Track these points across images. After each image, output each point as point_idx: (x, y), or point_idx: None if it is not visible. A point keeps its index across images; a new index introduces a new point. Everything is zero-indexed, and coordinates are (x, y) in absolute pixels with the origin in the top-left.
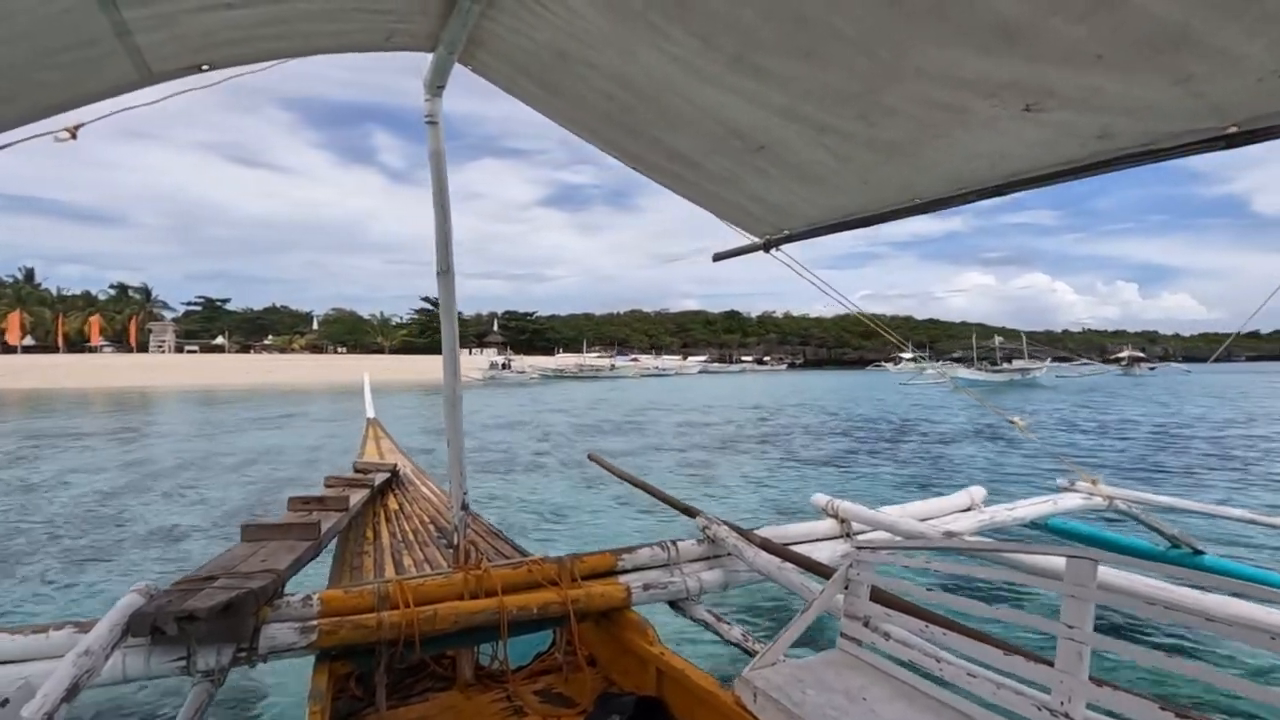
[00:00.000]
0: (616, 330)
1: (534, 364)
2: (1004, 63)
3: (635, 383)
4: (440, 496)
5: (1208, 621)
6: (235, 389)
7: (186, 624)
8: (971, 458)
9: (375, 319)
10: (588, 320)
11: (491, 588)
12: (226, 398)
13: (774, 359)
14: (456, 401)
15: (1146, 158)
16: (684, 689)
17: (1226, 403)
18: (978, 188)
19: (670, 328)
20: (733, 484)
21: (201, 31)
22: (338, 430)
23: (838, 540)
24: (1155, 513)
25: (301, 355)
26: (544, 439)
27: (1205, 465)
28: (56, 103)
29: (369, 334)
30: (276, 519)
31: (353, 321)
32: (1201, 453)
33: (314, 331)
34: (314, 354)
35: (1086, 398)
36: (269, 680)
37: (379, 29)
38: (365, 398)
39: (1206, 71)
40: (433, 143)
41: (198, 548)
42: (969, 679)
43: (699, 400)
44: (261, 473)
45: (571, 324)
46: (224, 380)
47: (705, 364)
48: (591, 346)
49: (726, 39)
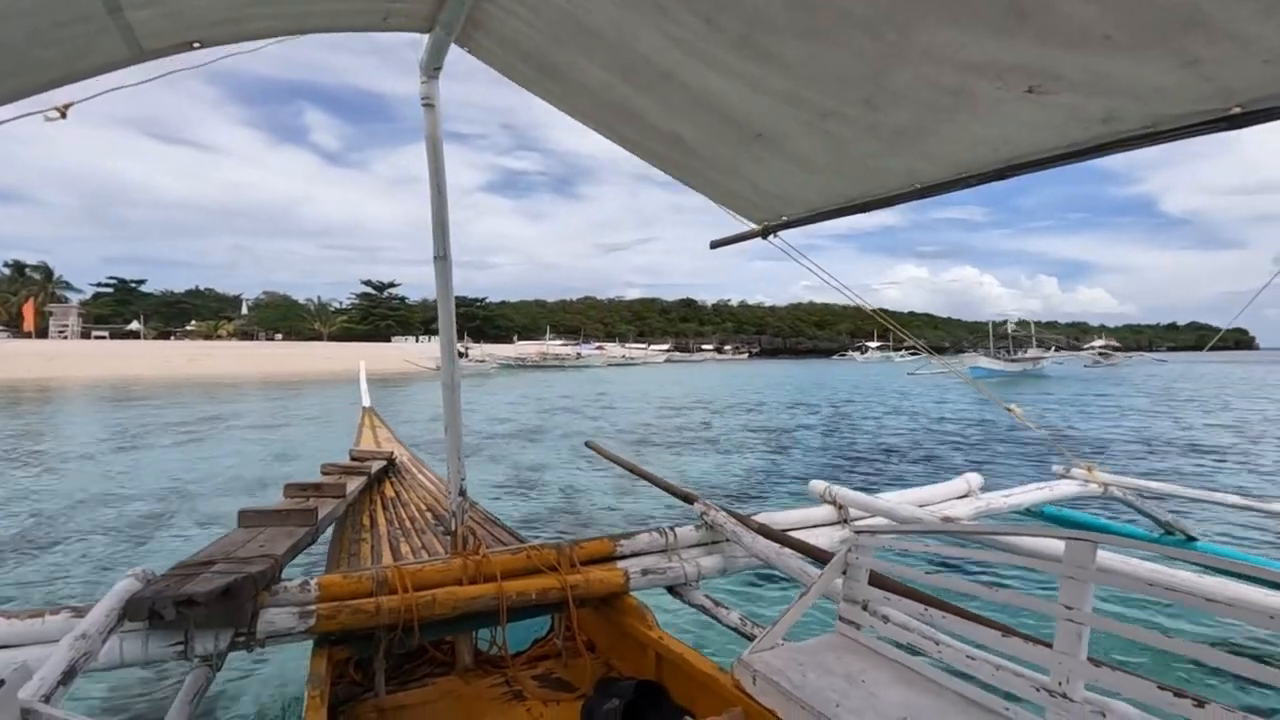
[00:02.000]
0: (570, 318)
1: (492, 352)
2: (1013, 44)
3: (608, 372)
4: (438, 484)
5: (1207, 603)
6: (152, 382)
7: (185, 608)
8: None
9: (312, 304)
10: (540, 307)
11: (490, 573)
12: (141, 393)
13: (734, 349)
14: (455, 387)
15: (1148, 140)
16: (683, 673)
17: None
18: (980, 171)
19: (626, 315)
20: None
21: (193, 8)
22: (288, 441)
23: (835, 526)
24: (1150, 500)
25: (230, 343)
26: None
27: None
28: (48, 80)
29: (305, 320)
30: (274, 505)
31: (287, 306)
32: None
33: (243, 317)
34: (245, 341)
35: (1124, 390)
36: (268, 665)
37: (376, 9)
38: (361, 387)
39: (1215, 53)
40: (429, 126)
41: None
42: (968, 661)
43: (710, 393)
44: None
45: (523, 311)
46: (137, 372)
47: (670, 354)
48: (544, 335)
49: (732, 20)
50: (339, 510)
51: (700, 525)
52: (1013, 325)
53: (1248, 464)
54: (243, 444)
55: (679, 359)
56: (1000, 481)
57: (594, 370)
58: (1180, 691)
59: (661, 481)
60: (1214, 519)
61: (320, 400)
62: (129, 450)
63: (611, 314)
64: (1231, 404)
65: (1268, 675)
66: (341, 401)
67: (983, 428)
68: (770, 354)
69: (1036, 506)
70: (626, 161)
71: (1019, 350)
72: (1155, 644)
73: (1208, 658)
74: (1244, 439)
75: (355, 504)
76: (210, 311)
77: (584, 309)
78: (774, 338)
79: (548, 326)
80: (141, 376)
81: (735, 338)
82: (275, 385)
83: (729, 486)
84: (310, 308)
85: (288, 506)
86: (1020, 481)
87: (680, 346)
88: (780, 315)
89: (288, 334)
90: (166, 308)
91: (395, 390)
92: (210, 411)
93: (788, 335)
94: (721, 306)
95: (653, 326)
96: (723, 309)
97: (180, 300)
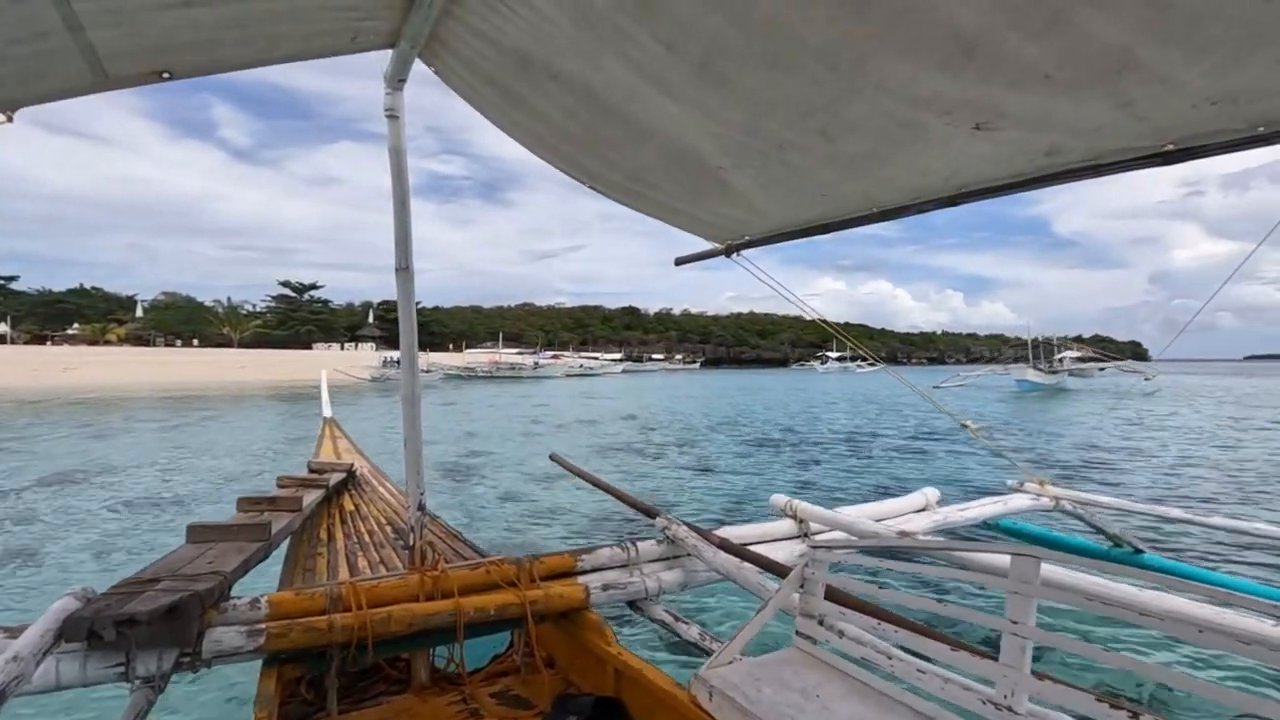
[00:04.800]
0: (508, 325)
1: (437, 361)
2: (960, 81)
3: (573, 384)
4: (399, 497)
5: (1141, 616)
6: (17, 395)
7: (126, 628)
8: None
9: (220, 306)
10: (476, 313)
11: (448, 589)
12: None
13: (685, 358)
14: (415, 400)
15: (1090, 173)
16: (642, 689)
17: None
18: (933, 198)
19: (567, 323)
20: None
21: (159, 32)
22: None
23: (795, 540)
24: (1099, 512)
25: (121, 349)
26: None
27: None
28: (4, 100)
29: (212, 324)
30: (225, 520)
31: (190, 308)
32: None
33: (137, 320)
34: (139, 347)
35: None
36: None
37: (344, 30)
38: (323, 397)
39: (1147, 95)
40: (393, 138)
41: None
42: (918, 675)
43: (715, 409)
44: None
45: (458, 317)
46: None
47: (626, 364)
48: (482, 342)
49: (692, 45)
50: (294, 524)
51: (662, 540)
52: (1055, 338)
53: None
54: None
55: (634, 369)
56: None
57: (556, 382)
58: (1117, 703)
59: (624, 495)
60: (1177, 532)
61: (230, 426)
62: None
63: (552, 321)
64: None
65: (1196, 686)
66: (264, 429)
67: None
68: (714, 363)
69: (993, 520)
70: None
71: (1058, 363)
72: (1094, 657)
73: (1141, 670)
74: None
75: (312, 517)
76: (98, 313)
77: (523, 315)
78: (718, 346)
79: (500, 333)
80: (11, 386)
81: (679, 346)
82: (173, 401)
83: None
84: (218, 310)
85: (239, 521)
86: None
87: (631, 355)
88: (724, 324)
89: (191, 339)
90: (44, 308)
91: (306, 407)
92: (67, 451)
93: (731, 344)
94: (665, 315)
95: (595, 334)
96: (666, 317)
97: (61, 300)
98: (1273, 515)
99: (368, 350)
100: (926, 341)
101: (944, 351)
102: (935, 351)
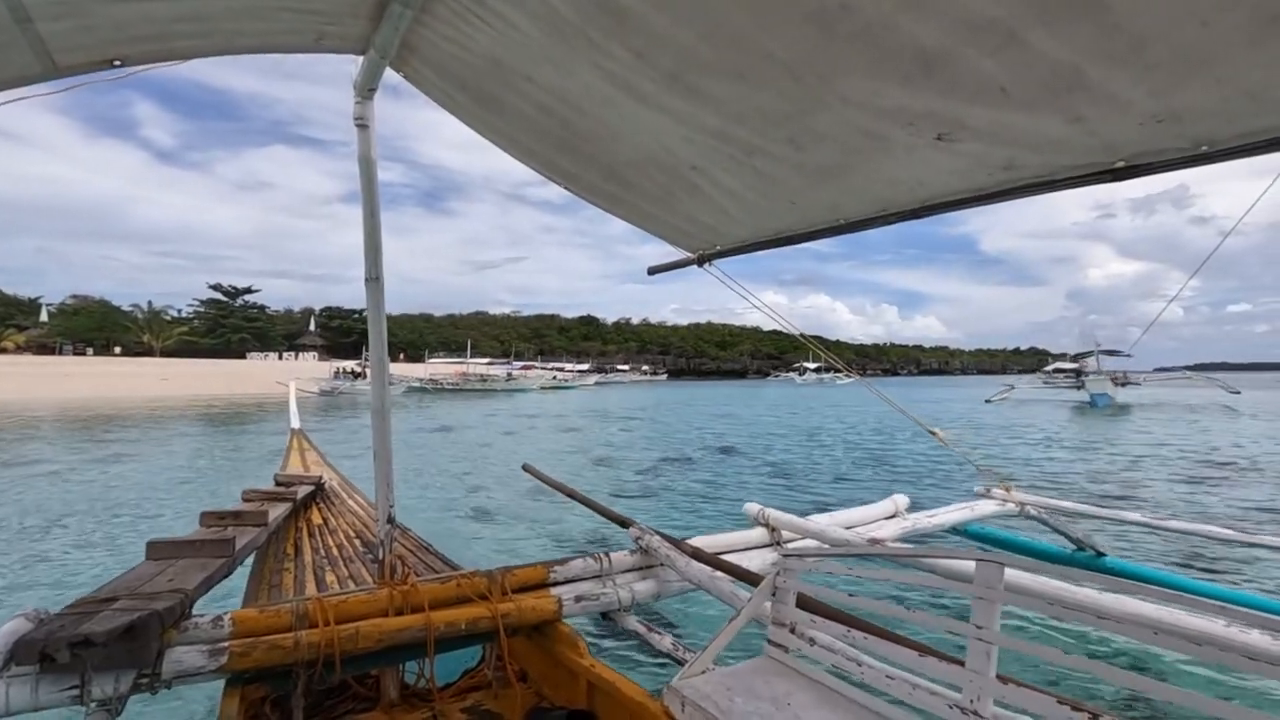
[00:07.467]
0: (460, 334)
1: (399, 373)
2: (922, 94)
3: (550, 399)
4: (368, 509)
5: (1099, 619)
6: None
7: (80, 650)
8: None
9: (139, 311)
10: (427, 322)
11: (418, 604)
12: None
13: (651, 370)
14: (385, 412)
15: (1045, 187)
16: (615, 701)
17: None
18: (898, 210)
19: (524, 333)
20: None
21: (112, 24)
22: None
23: (768, 549)
24: (1062, 517)
25: (21, 357)
26: None
27: None
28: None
29: (130, 331)
30: (187, 535)
31: (104, 313)
32: None
33: (41, 325)
34: (43, 355)
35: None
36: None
37: (308, 30)
38: (290, 409)
39: (1097, 113)
40: (363, 147)
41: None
42: (887, 681)
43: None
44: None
45: (408, 326)
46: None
47: (599, 376)
48: (435, 352)
49: (664, 57)
50: (260, 539)
51: (635, 550)
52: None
53: None
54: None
55: (605, 381)
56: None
57: (533, 396)
58: (1077, 705)
59: (597, 506)
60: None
61: (148, 468)
62: None
63: (507, 330)
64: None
65: (1153, 688)
66: (199, 471)
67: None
68: (676, 374)
69: (961, 525)
70: (500, 178)
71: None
72: (1055, 660)
73: (1100, 672)
74: None
75: (279, 532)
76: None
77: (476, 324)
78: (678, 358)
79: (469, 343)
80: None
81: (638, 357)
82: (76, 425)
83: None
84: (137, 315)
85: (202, 536)
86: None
87: (595, 367)
88: (683, 335)
89: (108, 348)
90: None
91: (243, 432)
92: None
93: (691, 355)
94: (624, 325)
95: (553, 344)
96: (625, 327)
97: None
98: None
99: (310, 360)
100: (879, 353)
101: (896, 363)
102: (888, 363)
